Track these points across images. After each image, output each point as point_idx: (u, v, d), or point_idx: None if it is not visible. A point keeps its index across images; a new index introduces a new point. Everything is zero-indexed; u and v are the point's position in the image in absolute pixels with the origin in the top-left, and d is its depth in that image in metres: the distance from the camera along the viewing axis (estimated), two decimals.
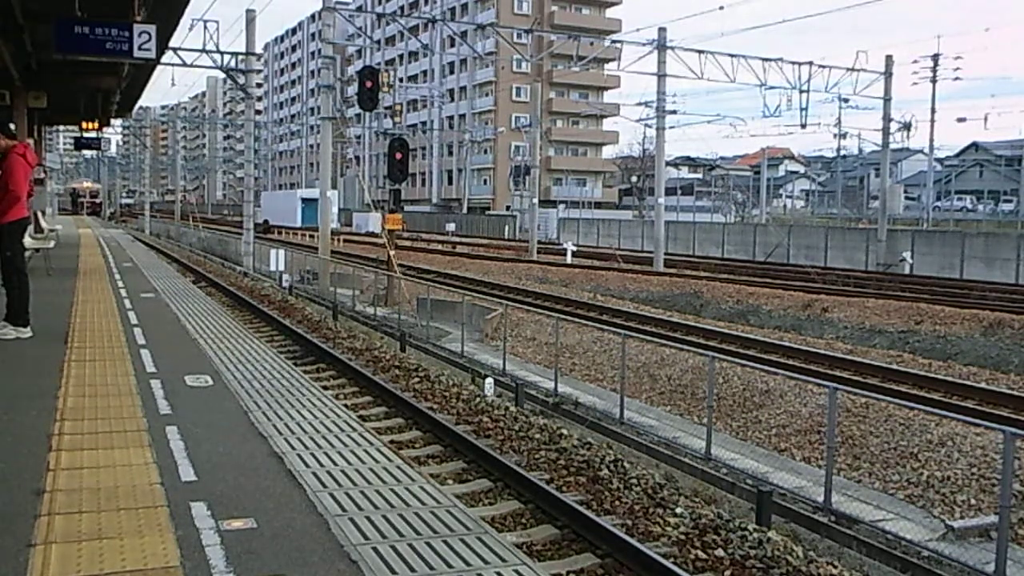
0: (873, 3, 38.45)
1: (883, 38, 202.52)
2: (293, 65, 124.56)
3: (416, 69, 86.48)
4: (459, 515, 3.92)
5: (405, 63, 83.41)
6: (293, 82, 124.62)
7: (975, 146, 67.86)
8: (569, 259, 34.15)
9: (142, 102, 48.63)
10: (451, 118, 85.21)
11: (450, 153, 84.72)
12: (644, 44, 29.29)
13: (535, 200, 37.92)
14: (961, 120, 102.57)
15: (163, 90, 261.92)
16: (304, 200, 61.41)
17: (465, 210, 71.58)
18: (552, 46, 40.04)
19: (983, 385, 12.31)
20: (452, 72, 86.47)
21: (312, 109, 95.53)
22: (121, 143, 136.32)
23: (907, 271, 30.85)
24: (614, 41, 31.85)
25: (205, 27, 24.93)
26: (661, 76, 30.17)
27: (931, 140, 48.96)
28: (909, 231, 37.05)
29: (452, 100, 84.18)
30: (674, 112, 36.20)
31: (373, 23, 70.96)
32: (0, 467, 4.24)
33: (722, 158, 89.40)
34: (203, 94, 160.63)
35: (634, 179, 79.64)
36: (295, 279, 24.68)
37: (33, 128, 18.78)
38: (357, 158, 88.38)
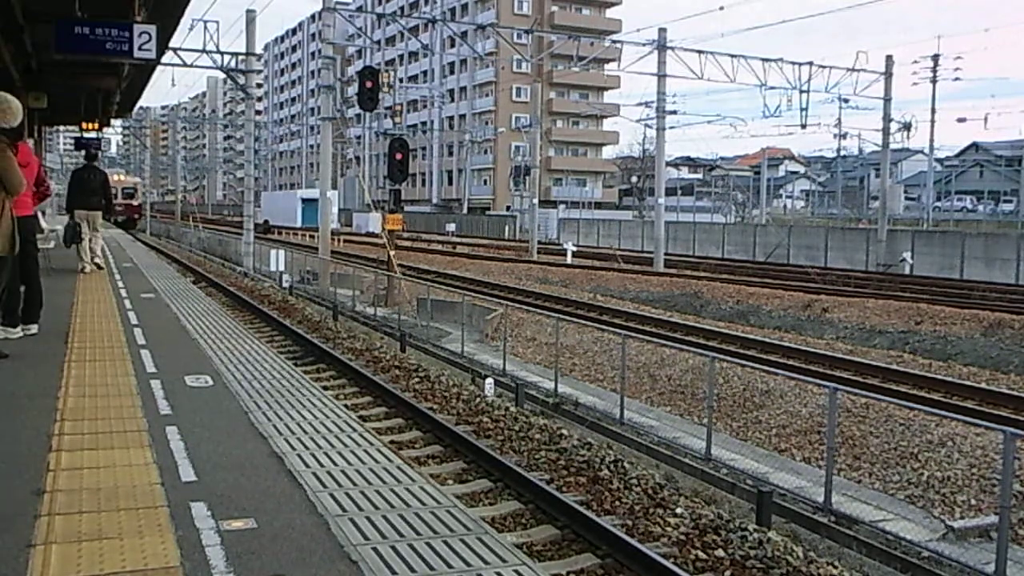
0: (873, 4, 38.38)
1: (883, 39, 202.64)
2: (293, 65, 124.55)
3: (416, 69, 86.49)
4: (459, 515, 3.91)
5: (405, 63, 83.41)
6: (293, 82, 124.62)
7: (975, 146, 67.86)
8: (569, 259, 34.15)
9: (142, 102, 48.51)
10: (451, 118, 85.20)
11: (450, 153, 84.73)
12: (644, 44, 29.31)
13: (535, 200, 37.94)
14: (961, 120, 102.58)
15: (163, 90, 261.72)
16: (304, 200, 61.42)
17: (465, 210, 71.58)
18: (552, 46, 40.05)
19: (983, 385, 12.32)
20: (452, 72, 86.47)
21: (312, 109, 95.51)
22: (121, 143, 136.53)
23: (907, 271, 30.84)
24: (614, 41, 31.85)
25: (205, 27, 24.94)
26: (661, 76, 30.17)
27: (931, 140, 49.04)
28: (909, 231, 37.04)
29: (452, 100, 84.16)
30: (674, 112, 36.23)
31: (373, 23, 70.95)
32: (0, 467, 4.24)
33: (722, 158, 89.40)
34: (203, 94, 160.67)
35: (634, 179, 79.68)
36: (295, 279, 24.69)
37: (33, 128, 18.77)
38: (357, 158, 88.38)
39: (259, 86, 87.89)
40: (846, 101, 34.37)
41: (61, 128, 45.10)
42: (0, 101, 6.89)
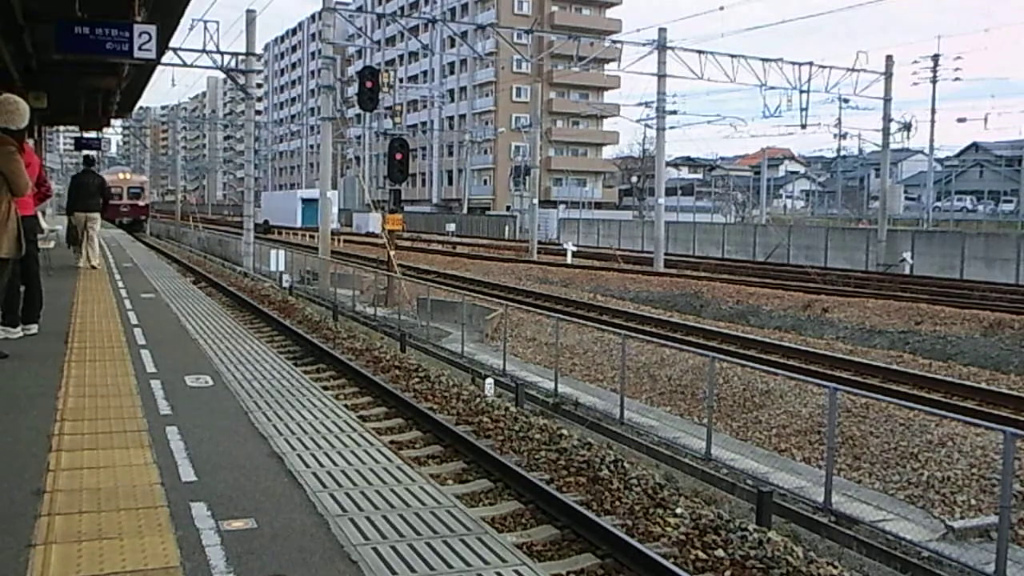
0: (873, 3, 38.40)
1: (883, 39, 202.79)
2: (293, 65, 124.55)
3: (416, 69, 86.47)
4: (459, 515, 3.91)
5: (405, 63, 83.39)
6: (293, 82, 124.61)
7: (975, 146, 67.90)
8: (569, 259, 34.15)
9: (142, 102, 48.15)
10: (451, 118, 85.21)
11: (450, 153, 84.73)
12: (644, 44, 29.32)
13: (535, 200, 37.92)
14: (961, 120, 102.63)
15: (163, 90, 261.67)
16: (304, 200, 61.36)
17: (465, 210, 71.57)
18: (552, 46, 40.05)
19: (983, 385, 12.31)
20: (452, 72, 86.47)
21: (312, 109, 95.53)
22: (121, 143, 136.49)
23: (907, 271, 30.85)
24: (614, 41, 31.85)
25: (205, 27, 24.96)
26: (661, 76, 30.17)
27: (931, 140, 49.03)
28: (909, 231, 37.05)
29: (452, 100, 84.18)
30: (674, 112, 36.22)
31: (373, 23, 70.94)
32: (0, 467, 4.24)
33: (722, 158, 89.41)
34: (203, 94, 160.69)
35: (634, 179, 79.65)
36: (295, 279, 24.69)
37: (33, 128, 18.77)
38: (357, 158, 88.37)
39: (259, 86, 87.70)
40: (846, 101, 34.43)
41: (61, 128, 44.97)
42: (8, 103, 6.90)
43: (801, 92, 30.48)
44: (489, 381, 11.90)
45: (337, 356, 12.14)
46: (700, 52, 28.86)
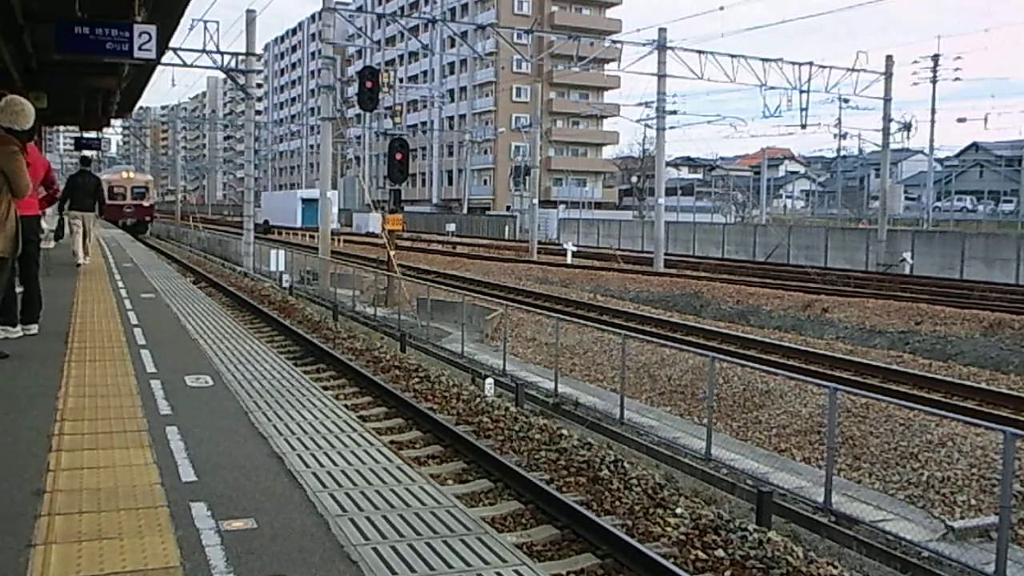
0: (873, 3, 38.41)
1: (883, 39, 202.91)
2: (293, 65, 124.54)
3: (416, 69, 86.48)
4: (459, 515, 3.91)
5: (405, 63, 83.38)
6: (293, 82, 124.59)
7: (975, 146, 67.89)
8: (569, 259, 34.15)
9: (142, 102, 48.01)
10: (451, 118, 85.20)
11: (450, 153, 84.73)
12: (644, 44, 29.33)
13: (535, 200, 37.92)
14: (961, 120, 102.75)
15: (163, 90, 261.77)
16: (304, 200, 61.35)
17: (465, 210, 71.57)
18: (552, 46, 40.05)
19: (983, 385, 12.32)
20: (452, 72, 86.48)
21: (312, 109, 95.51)
22: (121, 143, 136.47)
23: (907, 271, 30.84)
24: (614, 41, 31.85)
25: (205, 27, 24.99)
26: (661, 76, 30.17)
27: (931, 140, 49.04)
28: (909, 231, 37.04)
29: (452, 100, 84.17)
30: (674, 112, 36.22)
31: (373, 23, 70.98)
32: (0, 467, 4.24)
33: (722, 158, 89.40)
34: (203, 94, 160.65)
35: (634, 179, 79.68)
36: (295, 279, 24.69)
37: (33, 129, 18.73)
38: (357, 158, 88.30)
39: (259, 86, 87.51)
40: (846, 101, 34.46)
41: (61, 128, 44.90)
42: (14, 103, 6.90)
43: (801, 92, 30.51)
44: (489, 381, 11.90)
45: (337, 356, 12.14)
46: (700, 52, 28.87)
